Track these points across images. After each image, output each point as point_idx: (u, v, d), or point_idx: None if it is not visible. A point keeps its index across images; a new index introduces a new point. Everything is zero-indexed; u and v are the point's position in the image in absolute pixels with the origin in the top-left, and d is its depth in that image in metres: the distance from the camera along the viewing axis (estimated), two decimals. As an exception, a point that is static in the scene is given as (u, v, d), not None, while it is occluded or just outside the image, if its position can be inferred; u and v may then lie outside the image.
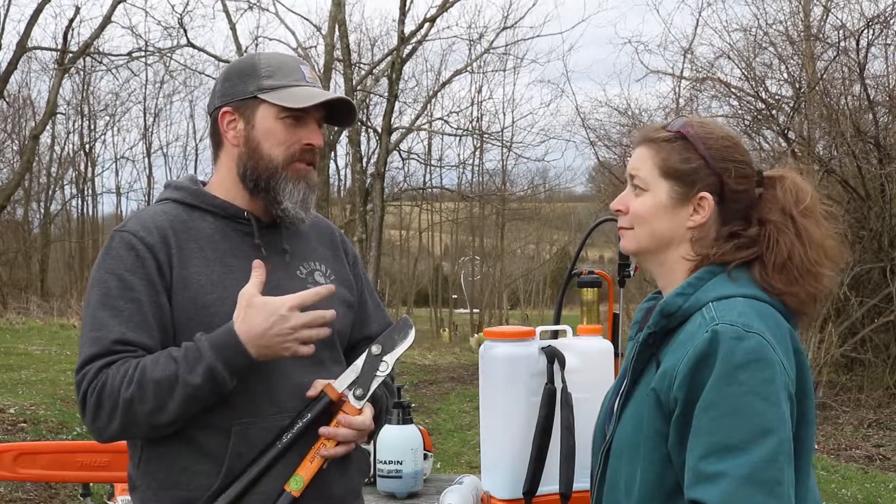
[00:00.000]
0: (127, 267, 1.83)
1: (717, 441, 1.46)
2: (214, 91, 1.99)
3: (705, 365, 1.49)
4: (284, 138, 1.92)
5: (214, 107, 1.97)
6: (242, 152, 1.93)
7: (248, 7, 19.76)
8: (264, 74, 1.93)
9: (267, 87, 1.92)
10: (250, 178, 1.92)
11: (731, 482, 1.43)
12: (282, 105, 1.90)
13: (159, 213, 1.92)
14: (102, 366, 1.77)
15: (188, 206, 1.93)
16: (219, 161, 1.98)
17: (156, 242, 1.85)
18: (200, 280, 1.85)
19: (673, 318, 1.60)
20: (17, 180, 20.87)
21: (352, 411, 1.87)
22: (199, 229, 1.90)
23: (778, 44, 12.20)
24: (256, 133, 1.92)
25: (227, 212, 1.93)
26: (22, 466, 3.15)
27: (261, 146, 1.91)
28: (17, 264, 23.35)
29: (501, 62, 22.75)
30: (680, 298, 1.60)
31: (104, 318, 1.81)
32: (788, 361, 1.53)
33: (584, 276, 2.90)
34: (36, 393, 8.33)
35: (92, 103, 24.71)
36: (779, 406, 1.47)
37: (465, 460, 7.77)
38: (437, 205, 27.80)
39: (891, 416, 9.56)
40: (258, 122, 1.92)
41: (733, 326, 1.50)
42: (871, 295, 10.58)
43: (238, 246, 1.92)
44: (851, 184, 10.77)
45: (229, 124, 1.94)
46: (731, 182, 1.65)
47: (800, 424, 1.55)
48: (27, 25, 19.05)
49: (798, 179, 1.70)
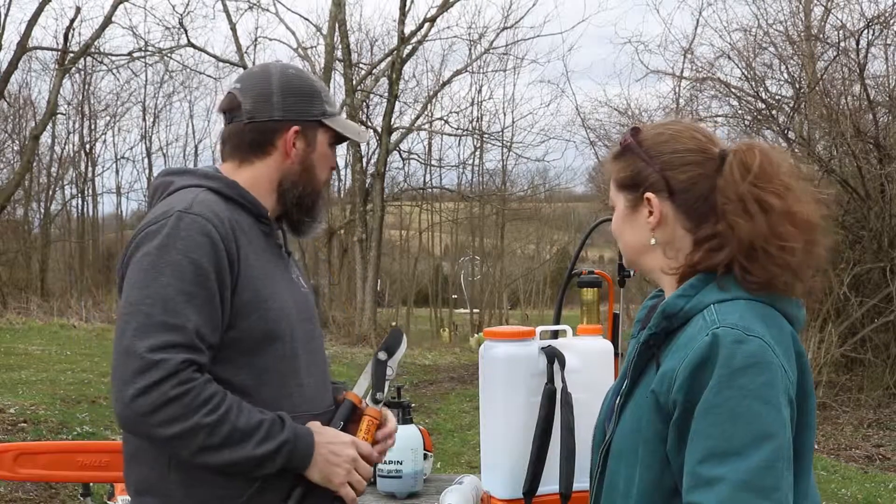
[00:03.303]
0: (204, 253, 1.78)
1: (715, 445, 1.45)
2: (270, 100, 1.96)
3: (705, 368, 1.48)
4: (329, 163, 2.05)
5: (276, 118, 1.96)
6: (295, 170, 1.99)
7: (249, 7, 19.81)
8: (325, 100, 2.02)
9: (329, 113, 2.02)
10: (297, 194, 1.99)
11: (728, 487, 1.42)
12: (343, 134, 2.03)
13: (215, 201, 1.88)
14: (189, 362, 1.73)
15: (224, 197, 1.91)
16: (251, 165, 1.98)
17: (227, 232, 1.83)
18: (257, 273, 1.88)
19: (674, 320, 1.59)
20: (17, 180, 20.87)
21: (374, 413, 2.00)
22: (241, 222, 1.91)
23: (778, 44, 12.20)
24: (315, 156, 2.00)
25: (257, 210, 1.95)
26: (22, 466, 3.14)
27: (314, 168, 2.01)
28: (17, 264, 23.34)
29: (501, 62, 22.79)
30: (682, 300, 1.59)
31: (181, 303, 1.74)
32: (790, 365, 1.51)
33: (584, 276, 2.90)
34: (36, 393, 8.33)
35: (92, 103, 24.74)
36: (779, 410, 1.46)
37: (465, 460, 7.76)
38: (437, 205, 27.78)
39: (891, 416, 9.55)
40: (318, 145, 2.01)
41: (734, 330, 1.49)
42: (871, 295, 10.58)
43: (266, 244, 1.96)
44: (851, 184, 10.76)
45: (295, 142, 1.98)
46: (673, 173, 1.62)
47: (800, 428, 1.53)
48: (28, 25, 19.07)
49: (746, 148, 1.61)
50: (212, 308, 1.78)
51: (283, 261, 2.01)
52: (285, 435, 1.80)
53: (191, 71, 23.29)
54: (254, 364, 1.86)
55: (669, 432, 1.53)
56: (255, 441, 1.76)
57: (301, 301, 2.01)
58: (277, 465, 1.80)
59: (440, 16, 19.37)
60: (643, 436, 1.57)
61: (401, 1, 18.83)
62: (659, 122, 1.78)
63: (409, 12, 19.06)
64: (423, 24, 19.36)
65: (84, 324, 15.99)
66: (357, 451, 1.89)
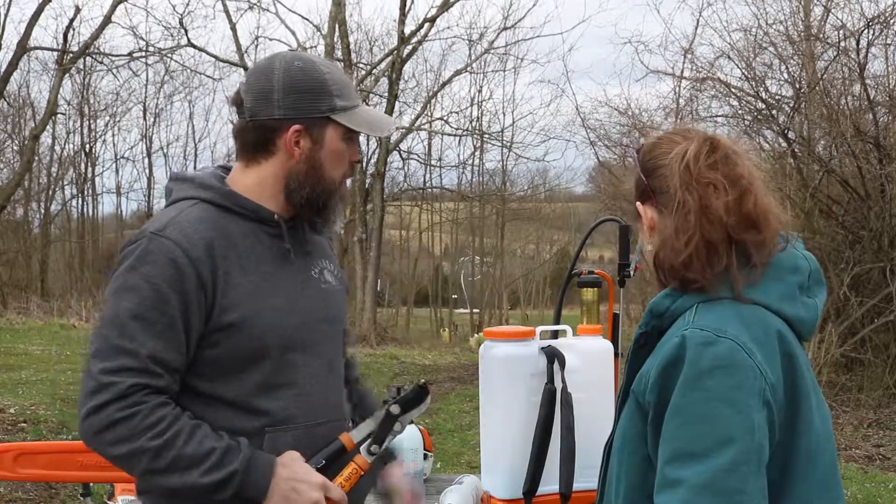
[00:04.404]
0: (166, 279, 1.76)
1: (680, 447, 1.45)
2: (270, 98, 1.87)
3: (673, 370, 1.49)
4: (344, 159, 1.93)
5: (276, 117, 1.87)
6: (301, 169, 1.90)
7: (249, 7, 19.79)
8: (335, 93, 1.89)
9: (339, 107, 1.89)
10: (304, 195, 1.90)
11: (688, 490, 1.43)
12: (357, 129, 1.92)
13: (197, 219, 1.84)
14: (139, 386, 1.74)
15: (219, 208, 1.87)
16: (258, 165, 1.91)
17: (200, 256, 1.79)
18: (240, 293, 1.82)
19: (663, 319, 1.60)
20: (17, 180, 20.87)
21: (362, 463, 1.91)
22: (233, 235, 1.85)
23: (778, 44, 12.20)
24: (323, 154, 1.90)
25: (258, 215, 1.90)
26: (22, 466, 3.14)
27: (323, 167, 1.90)
28: (17, 264, 23.34)
29: (501, 62, 22.80)
30: (668, 300, 1.60)
31: (137, 328, 1.75)
32: (771, 366, 1.49)
33: (584, 276, 2.90)
34: (36, 393, 8.33)
35: (92, 103, 24.72)
36: (745, 414, 1.45)
37: (465, 460, 7.76)
38: (437, 205, 27.80)
39: (891, 416, 9.55)
40: (327, 143, 1.90)
41: (703, 331, 1.49)
42: (871, 295, 10.58)
43: (269, 250, 1.89)
44: (851, 184, 10.77)
45: (297, 141, 1.89)
46: (653, 182, 1.63)
47: (792, 431, 1.52)
48: (27, 25, 19.08)
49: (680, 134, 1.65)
50: (172, 333, 1.76)
51: (291, 264, 1.92)
52: (236, 465, 1.76)
53: (191, 71, 23.30)
54: (244, 379, 1.83)
55: (647, 432, 1.54)
56: (202, 469, 1.74)
57: (315, 302, 1.95)
58: (229, 494, 1.77)
59: (440, 16, 19.37)
60: (628, 435, 1.59)
61: (401, 1, 18.83)
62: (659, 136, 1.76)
63: (409, 12, 19.07)
64: (423, 24, 19.36)
65: (84, 324, 15.97)
66: (326, 494, 1.81)
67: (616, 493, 1.62)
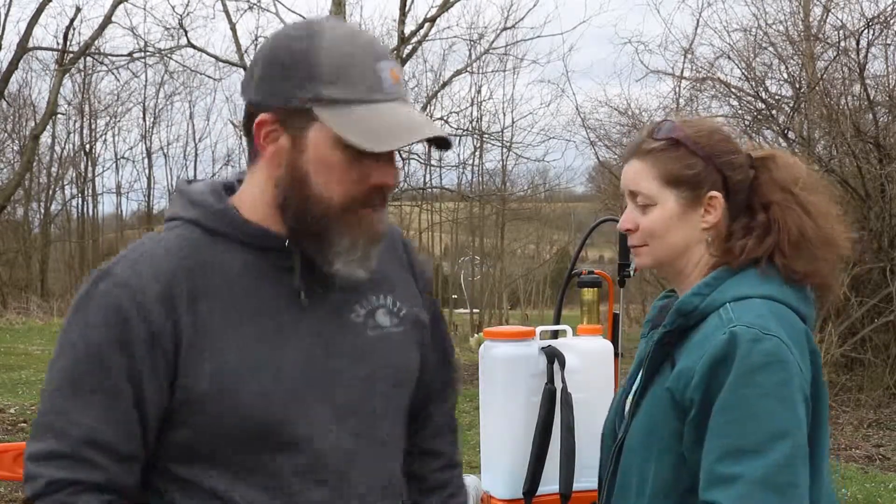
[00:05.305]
0: (105, 337, 1.31)
1: (732, 443, 1.46)
2: (252, 72, 1.40)
3: (723, 366, 1.49)
4: (344, 175, 1.36)
5: (248, 99, 1.40)
6: (283, 178, 1.38)
7: (249, 7, 19.78)
8: (325, 77, 1.33)
9: (326, 98, 1.33)
10: (292, 216, 1.39)
11: (745, 485, 1.43)
12: (343, 135, 1.33)
13: (164, 250, 1.37)
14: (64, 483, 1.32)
15: (206, 231, 1.40)
16: (254, 171, 1.43)
17: (153, 300, 1.32)
18: (222, 347, 1.35)
19: (690, 318, 1.59)
20: (17, 180, 20.87)
21: None
22: (221, 268, 1.37)
23: (778, 44, 12.20)
24: (305, 160, 1.36)
25: (261, 243, 1.40)
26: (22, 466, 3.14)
27: (309, 178, 1.36)
28: (17, 264, 23.34)
29: (501, 62, 22.76)
30: (696, 298, 1.60)
31: (68, 403, 1.32)
32: (805, 363, 1.52)
33: (584, 276, 2.90)
34: (36, 393, 8.33)
35: (92, 103, 24.72)
36: (795, 409, 1.47)
37: (465, 460, 7.73)
38: (437, 205, 27.78)
39: (891, 416, 9.56)
40: (310, 145, 1.35)
41: (751, 328, 1.50)
42: (871, 295, 10.58)
43: (273, 290, 1.39)
44: (851, 184, 10.76)
45: (267, 136, 1.37)
46: (732, 175, 1.65)
47: (815, 426, 1.54)
48: (28, 25, 19.09)
49: (788, 156, 1.71)
50: (117, 407, 1.32)
51: (306, 309, 1.41)
52: None
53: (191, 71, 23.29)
54: (231, 463, 1.37)
55: (686, 430, 1.54)
56: None
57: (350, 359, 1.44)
58: None
59: (440, 16, 19.36)
60: (658, 434, 1.58)
61: (401, 1, 18.83)
62: (694, 120, 1.78)
63: (409, 12, 19.06)
64: (423, 24, 19.35)
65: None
66: None
67: (639, 492, 1.61)
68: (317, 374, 1.40)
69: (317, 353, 1.41)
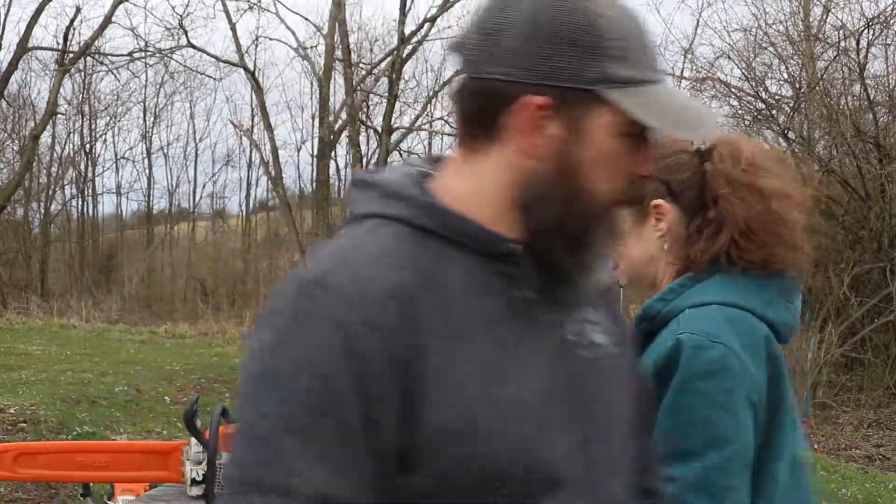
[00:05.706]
0: (336, 367, 1.03)
1: (672, 447, 1.47)
2: (499, 41, 1.11)
3: (667, 372, 1.50)
4: (617, 168, 1.15)
5: (503, 77, 1.11)
6: (544, 172, 1.13)
7: (249, 7, 19.79)
8: (614, 53, 1.11)
9: (616, 79, 1.11)
10: (550, 216, 1.14)
11: (678, 487, 1.45)
12: (646, 122, 1.13)
13: (382, 254, 1.10)
14: None
15: (419, 232, 1.14)
16: (476, 157, 1.16)
17: (393, 325, 1.05)
18: (462, 377, 1.08)
19: (653, 322, 1.61)
20: (17, 180, 20.89)
21: None
22: (445, 280, 1.11)
23: (778, 44, 12.22)
24: (581, 151, 1.12)
25: (486, 247, 1.14)
26: (22, 466, 3.14)
27: (580, 173, 1.13)
28: (17, 264, 23.36)
29: (502, 62, 22.77)
30: (659, 303, 1.62)
31: (294, 449, 1.03)
32: (758, 370, 1.53)
33: (583, 276, 2.90)
34: (36, 393, 8.33)
35: (92, 103, 24.76)
36: (736, 416, 1.48)
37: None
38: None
39: (891, 416, 9.57)
40: (592, 133, 1.12)
41: (697, 336, 1.51)
42: (871, 295, 10.59)
43: (500, 301, 1.14)
44: (851, 184, 10.79)
45: (532, 122, 1.11)
46: (673, 177, 1.64)
47: (772, 430, 1.55)
48: (27, 25, 19.10)
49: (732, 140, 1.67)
50: (353, 453, 1.04)
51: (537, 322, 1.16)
52: None
53: (191, 71, 23.31)
54: None
55: None
56: None
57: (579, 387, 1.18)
58: None
59: (440, 16, 19.38)
60: None
61: (401, 1, 18.84)
62: None
63: (409, 12, 19.07)
64: (424, 24, 19.36)
65: (84, 324, 15.99)
66: None
67: None
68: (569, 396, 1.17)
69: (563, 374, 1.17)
